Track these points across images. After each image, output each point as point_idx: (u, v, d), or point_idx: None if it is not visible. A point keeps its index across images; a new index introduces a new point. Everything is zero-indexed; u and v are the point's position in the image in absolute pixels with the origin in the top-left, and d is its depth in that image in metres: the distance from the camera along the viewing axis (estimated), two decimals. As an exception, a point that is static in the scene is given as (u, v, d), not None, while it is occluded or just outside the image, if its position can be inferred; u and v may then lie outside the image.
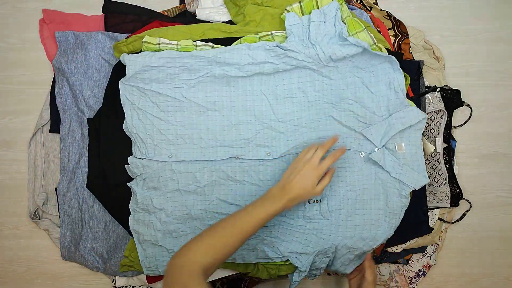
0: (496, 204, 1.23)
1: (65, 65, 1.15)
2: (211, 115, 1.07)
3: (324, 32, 1.04)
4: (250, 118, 1.07)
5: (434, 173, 1.17)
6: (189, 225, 1.08)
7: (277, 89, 1.07)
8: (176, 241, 1.08)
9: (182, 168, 1.07)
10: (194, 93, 1.07)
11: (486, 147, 1.24)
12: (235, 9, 1.15)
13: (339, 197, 1.06)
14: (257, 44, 1.05)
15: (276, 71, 1.06)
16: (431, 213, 1.17)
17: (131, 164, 1.08)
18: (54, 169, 1.21)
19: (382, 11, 1.20)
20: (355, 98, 1.05)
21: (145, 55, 1.05)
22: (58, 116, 1.18)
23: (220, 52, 1.04)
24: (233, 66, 1.05)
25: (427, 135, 1.18)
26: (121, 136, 1.10)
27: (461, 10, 1.25)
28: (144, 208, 1.08)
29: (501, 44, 1.24)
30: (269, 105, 1.07)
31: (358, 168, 1.05)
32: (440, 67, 1.21)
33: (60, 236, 1.17)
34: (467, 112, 1.23)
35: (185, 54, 1.05)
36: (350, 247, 1.03)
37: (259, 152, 1.07)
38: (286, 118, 1.07)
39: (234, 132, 1.07)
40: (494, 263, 1.23)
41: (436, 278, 1.23)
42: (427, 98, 1.16)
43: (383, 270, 1.21)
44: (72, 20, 1.22)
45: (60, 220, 1.17)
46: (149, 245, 1.08)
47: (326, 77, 1.05)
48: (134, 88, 1.07)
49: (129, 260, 1.12)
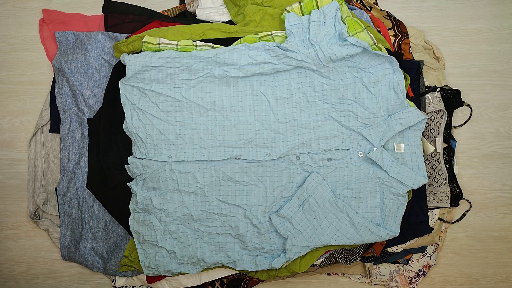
0: (496, 204, 1.23)
1: (65, 65, 1.15)
2: (211, 115, 1.07)
3: (324, 32, 1.04)
4: (250, 119, 1.07)
5: (434, 173, 1.17)
6: (189, 226, 1.08)
7: (276, 90, 1.07)
8: (176, 241, 1.08)
9: (182, 168, 1.07)
10: (194, 93, 1.07)
11: (486, 147, 1.24)
12: (235, 9, 1.15)
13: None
14: (257, 44, 1.05)
15: (276, 72, 1.06)
16: (431, 213, 1.17)
17: (131, 164, 1.08)
18: (54, 169, 1.21)
19: (382, 11, 1.20)
20: (355, 98, 1.05)
21: (145, 55, 1.05)
22: (58, 116, 1.18)
23: (220, 53, 1.04)
24: (233, 66, 1.05)
25: (427, 135, 1.18)
26: (121, 136, 1.10)
27: (461, 10, 1.25)
28: (144, 208, 1.08)
29: (501, 44, 1.24)
30: (269, 105, 1.07)
31: (356, 167, 1.06)
32: (440, 67, 1.21)
33: (60, 236, 1.17)
34: (467, 112, 1.23)
35: (185, 54, 1.05)
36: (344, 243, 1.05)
37: (259, 153, 1.07)
38: (285, 119, 1.07)
39: (234, 132, 1.07)
40: (494, 263, 1.23)
41: (436, 278, 1.24)
42: (427, 98, 1.16)
43: (383, 270, 1.21)
44: (72, 20, 1.22)
45: (60, 220, 1.17)
46: (149, 245, 1.08)
47: (326, 78, 1.05)
48: (134, 88, 1.07)
49: (129, 260, 1.12)
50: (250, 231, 1.07)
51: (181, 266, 1.08)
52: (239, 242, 1.08)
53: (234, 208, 1.07)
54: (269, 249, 1.08)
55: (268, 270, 1.11)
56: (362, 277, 1.22)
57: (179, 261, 1.08)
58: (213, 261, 1.08)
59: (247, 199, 1.07)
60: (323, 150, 1.06)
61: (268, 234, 1.08)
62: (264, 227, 1.07)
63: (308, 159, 1.06)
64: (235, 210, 1.07)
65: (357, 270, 1.21)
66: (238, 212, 1.07)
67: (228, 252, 1.08)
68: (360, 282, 1.23)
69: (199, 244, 1.08)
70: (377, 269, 1.21)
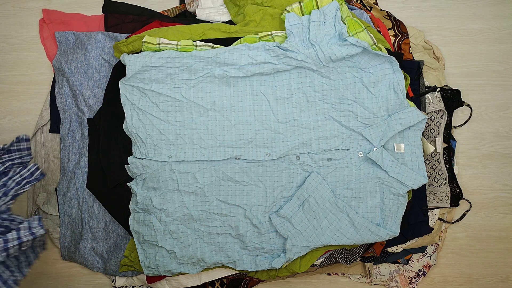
0: (496, 204, 1.23)
1: (65, 65, 1.15)
2: (211, 115, 1.07)
3: (324, 32, 1.04)
4: (250, 119, 1.07)
5: (434, 173, 1.17)
6: (189, 226, 1.08)
7: (276, 90, 1.07)
8: (176, 241, 1.08)
9: (182, 169, 1.07)
10: (194, 93, 1.07)
11: (486, 147, 1.24)
12: (235, 9, 1.15)
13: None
14: (257, 44, 1.05)
15: (276, 71, 1.06)
16: (431, 213, 1.17)
17: (131, 164, 1.08)
18: (54, 169, 1.21)
19: (382, 11, 1.20)
20: (355, 98, 1.05)
21: (145, 55, 1.05)
22: (58, 116, 1.18)
23: (220, 53, 1.04)
24: (233, 66, 1.05)
25: (427, 135, 1.18)
26: (121, 136, 1.10)
27: (461, 10, 1.25)
28: (144, 208, 1.08)
29: (501, 44, 1.24)
30: (269, 105, 1.07)
31: (356, 167, 1.06)
32: (440, 67, 1.21)
33: (60, 236, 1.17)
34: (467, 112, 1.23)
35: (185, 54, 1.05)
36: (344, 243, 1.05)
37: (259, 153, 1.07)
38: (285, 119, 1.07)
39: (234, 132, 1.07)
40: (494, 263, 1.23)
41: (436, 278, 1.24)
42: (427, 98, 1.16)
43: (383, 270, 1.21)
44: (72, 20, 1.22)
45: (60, 220, 1.17)
46: (149, 245, 1.08)
47: (326, 78, 1.05)
48: (134, 88, 1.07)
49: (129, 260, 1.12)
50: (250, 231, 1.07)
51: (181, 266, 1.08)
52: (239, 242, 1.08)
53: (234, 208, 1.07)
54: (269, 249, 1.08)
55: (268, 270, 1.11)
56: (362, 277, 1.22)
57: (179, 261, 1.08)
58: (213, 261, 1.08)
59: (247, 199, 1.07)
60: (323, 150, 1.06)
61: (268, 234, 1.08)
62: (264, 227, 1.07)
63: (308, 159, 1.06)
64: (235, 210, 1.07)
65: (357, 270, 1.21)
66: (238, 212, 1.07)
67: (228, 252, 1.08)
68: (360, 282, 1.23)
69: (199, 244, 1.08)
70: (377, 269, 1.21)
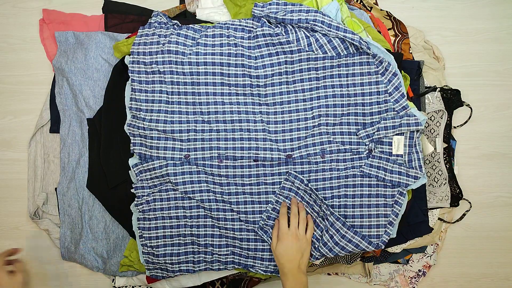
0: (496, 204, 1.23)
1: (65, 65, 1.15)
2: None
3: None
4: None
5: (434, 173, 1.17)
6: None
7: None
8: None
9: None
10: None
11: (486, 147, 1.24)
12: (235, 9, 1.15)
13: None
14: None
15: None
16: (431, 213, 1.17)
17: (131, 164, 1.08)
18: (54, 169, 1.21)
19: (382, 11, 1.20)
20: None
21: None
22: (58, 116, 1.18)
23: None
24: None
25: (427, 135, 1.18)
26: (121, 136, 1.10)
27: (461, 10, 1.25)
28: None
29: (501, 44, 1.24)
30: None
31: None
32: (440, 67, 1.21)
33: (60, 236, 1.17)
34: (467, 112, 1.23)
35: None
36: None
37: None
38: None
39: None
40: (494, 263, 1.23)
41: (436, 278, 1.24)
42: (427, 98, 1.16)
43: (383, 270, 1.21)
44: (72, 20, 1.21)
45: (60, 220, 1.17)
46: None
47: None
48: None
49: (129, 260, 1.12)
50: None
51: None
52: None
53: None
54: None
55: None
56: (362, 277, 1.22)
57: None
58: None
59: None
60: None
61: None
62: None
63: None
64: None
65: (357, 270, 1.21)
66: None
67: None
68: (360, 282, 1.23)
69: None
70: (377, 269, 1.21)
